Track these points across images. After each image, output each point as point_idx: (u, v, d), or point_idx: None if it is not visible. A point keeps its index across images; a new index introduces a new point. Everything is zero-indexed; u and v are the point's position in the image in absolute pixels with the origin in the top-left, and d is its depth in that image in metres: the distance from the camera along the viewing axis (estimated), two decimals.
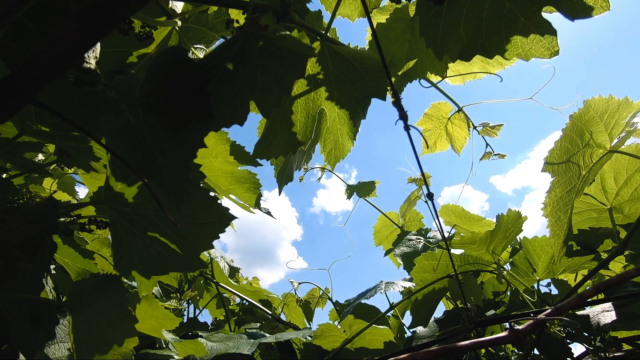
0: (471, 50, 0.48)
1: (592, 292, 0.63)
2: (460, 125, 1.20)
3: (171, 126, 0.41)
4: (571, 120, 0.78)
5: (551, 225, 0.84)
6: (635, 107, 0.78)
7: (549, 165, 0.80)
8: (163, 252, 0.63)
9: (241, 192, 0.83)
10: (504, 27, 0.46)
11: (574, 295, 0.63)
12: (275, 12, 0.49)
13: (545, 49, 0.46)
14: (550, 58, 0.46)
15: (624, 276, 0.63)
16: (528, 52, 0.47)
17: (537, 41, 0.46)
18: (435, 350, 0.58)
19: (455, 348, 0.58)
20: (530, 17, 0.44)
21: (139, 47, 0.62)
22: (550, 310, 0.64)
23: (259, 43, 0.44)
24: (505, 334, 0.61)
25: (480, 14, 0.46)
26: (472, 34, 0.47)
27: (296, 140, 0.66)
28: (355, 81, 0.64)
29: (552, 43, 0.45)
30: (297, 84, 0.66)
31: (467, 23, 0.47)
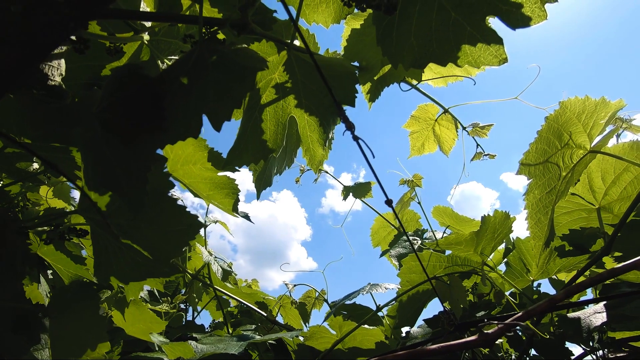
0: (424, 58, 0.49)
1: (562, 295, 0.63)
2: (447, 126, 1.19)
3: (125, 140, 0.43)
4: (547, 121, 0.78)
5: (531, 227, 0.83)
6: (613, 107, 0.77)
7: (524, 167, 0.80)
8: (138, 259, 0.65)
9: (220, 197, 0.84)
10: (453, 36, 0.46)
11: (544, 299, 0.63)
12: (234, 25, 0.51)
13: (493, 57, 0.46)
14: (499, 65, 0.46)
15: (596, 279, 0.62)
16: (477, 60, 0.47)
17: (485, 49, 0.46)
18: (401, 355, 0.59)
19: (422, 352, 0.59)
20: (476, 26, 0.44)
21: (111, 61, 0.64)
22: (522, 313, 0.64)
23: (212, 57, 0.45)
24: (475, 337, 0.61)
25: (429, 23, 0.47)
26: (423, 43, 0.48)
27: (267, 147, 0.68)
28: (323, 89, 0.65)
29: (499, 51, 0.46)
30: (266, 92, 0.67)
31: (418, 32, 0.48)
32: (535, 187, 0.80)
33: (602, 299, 1.16)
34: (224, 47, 0.47)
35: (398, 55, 0.51)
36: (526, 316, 0.63)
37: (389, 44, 0.51)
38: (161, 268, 0.62)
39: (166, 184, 0.59)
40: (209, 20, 0.49)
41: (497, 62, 0.47)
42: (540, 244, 0.83)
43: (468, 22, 0.45)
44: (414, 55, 0.49)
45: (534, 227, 0.83)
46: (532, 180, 0.80)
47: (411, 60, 0.50)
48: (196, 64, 0.46)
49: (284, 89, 0.66)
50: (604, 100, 0.75)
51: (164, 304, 1.18)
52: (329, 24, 0.80)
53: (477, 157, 1.28)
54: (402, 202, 1.68)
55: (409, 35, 0.49)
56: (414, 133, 1.21)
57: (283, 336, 1.11)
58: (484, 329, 0.61)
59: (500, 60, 0.46)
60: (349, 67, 0.66)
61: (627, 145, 0.99)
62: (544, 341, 1.30)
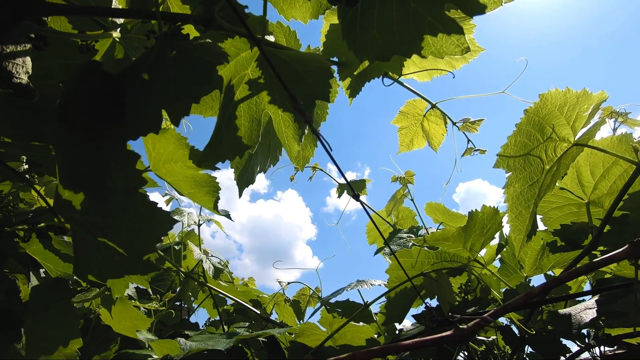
0: (387, 51, 0.48)
1: (539, 290, 0.62)
2: (436, 122, 1.18)
3: (85, 136, 0.43)
4: (526, 114, 0.77)
5: (511, 220, 0.83)
6: (595, 98, 0.76)
7: (503, 160, 0.79)
8: (115, 256, 0.65)
9: (201, 195, 0.84)
10: (414, 27, 0.45)
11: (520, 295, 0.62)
12: (198, 21, 0.50)
13: (455, 47, 0.46)
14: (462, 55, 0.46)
15: (573, 273, 0.61)
16: (440, 50, 0.47)
17: (447, 39, 0.45)
18: (374, 350, 0.58)
19: (395, 347, 0.58)
20: (435, 16, 0.44)
21: (85, 59, 0.64)
22: (497, 309, 0.63)
23: (172, 52, 0.45)
24: (450, 332, 0.61)
25: (390, 15, 0.46)
26: (386, 35, 0.47)
27: (242, 144, 0.68)
28: (297, 84, 0.65)
29: (460, 40, 0.45)
30: (239, 88, 0.67)
31: (380, 24, 0.47)
32: (516, 181, 0.79)
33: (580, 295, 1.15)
34: (185, 43, 0.47)
35: (362, 49, 0.50)
36: (502, 311, 0.62)
37: (353, 38, 0.50)
38: (136, 265, 0.62)
39: (138, 180, 0.59)
40: (171, 16, 0.49)
41: (460, 51, 0.46)
42: (521, 237, 0.83)
43: (427, 12, 0.44)
44: (377, 47, 0.49)
45: (515, 220, 0.82)
46: (511, 174, 0.79)
47: (375, 53, 0.49)
48: (156, 59, 0.46)
49: (257, 85, 0.65)
50: (585, 92, 0.74)
51: (153, 302, 1.19)
52: (306, 19, 0.79)
53: (468, 153, 1.27)
54: (395, 199, 1.68)
55: (371, 28, 0.48)
56: (402, 129, 1.20)
57: (271, 332, 1.11)
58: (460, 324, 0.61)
59: (462, 49, 0.46)
60: (323, 63, 0.66)
61: (616, 139, 0.98)
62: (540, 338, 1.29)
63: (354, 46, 0.51)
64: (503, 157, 0.78)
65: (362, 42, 0.50)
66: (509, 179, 0.80)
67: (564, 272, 1.02)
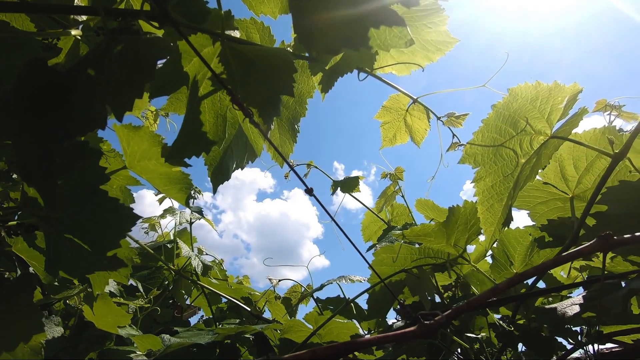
0: (337, 43, 0.48)
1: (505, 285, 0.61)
2: (419, 116, 1.17)
3: (30, 134, 0.44)
4: (495, 109, 0.76)
5: (482, 213, 0.82)
6: (568, 90, 0.74)
7: (469, 156, 0.78)
8: (82, 252, 0.66)
9: (174, 192, 0.85)
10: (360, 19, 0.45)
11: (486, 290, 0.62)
12: (150, 17, 0.51)
13: (398, 39, 0.45)
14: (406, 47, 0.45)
15: (530, 271, 0.60)
16: (385, 43, 0.46)
17: (390, 32, 0.45)
18: (336, 346, 0.58)
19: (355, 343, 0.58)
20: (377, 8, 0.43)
21: (49, 57, 0.65)
22: (463, 304, 0.63)
23: (117, 48, 0.46)
24: (414, 328, 0.60)
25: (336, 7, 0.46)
26: (332, 28, 0.47)
27: (207, 140, 0.68)
28: (260, 80, 0.65)
29: (403, 32, 0.45)
30: (203, 84, 0.67)
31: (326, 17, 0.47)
32: (486, 175, 0.78)
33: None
34: (131, 38, 0.47)
35: (312, 41, 0.50)
36: (467, 307, 0.62)
37: (303, 30, 0.50)
38: (102, 261, 0.63)
39: (100, 177, 0.59)
40: (119, 12, 0.49)
41: (403, 43, 0.45)
42: (492, 229, 0.82)
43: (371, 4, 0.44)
44: (326, 40, 0.48)
45: (486, 213, 0.81)
46: (480, 168, 0.78)
47: (324, 45, 0.49)
48: (102, 55, 0.46)
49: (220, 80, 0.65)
50: (557, 84, 0.73)
51: (139, 299, 1.20)
52: (276, 14, 0.79)
53: (453, 148, 1.26)
54: (386, 195, 1.67)
55: (320, 21, 0.48)
56: (385, 124, 1.19)
57: (252, 328, 1.11)
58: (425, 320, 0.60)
59: (405, 41, 0.45)
60: (287, 58, 0.65)
61: (599, 131, 0.96)
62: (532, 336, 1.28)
63: (303, 38, 0.51)
64: (470, 153, 0.77)
65: (312, 34, 0.49)
66: (477, 173, 0.79)
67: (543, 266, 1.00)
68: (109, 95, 0.45)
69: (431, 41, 0.90)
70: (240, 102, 0.43)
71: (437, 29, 0.86)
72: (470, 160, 0.77)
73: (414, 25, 0.88)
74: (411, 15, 0.86)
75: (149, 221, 2.03)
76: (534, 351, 1.34)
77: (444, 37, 0.87)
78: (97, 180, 0.59)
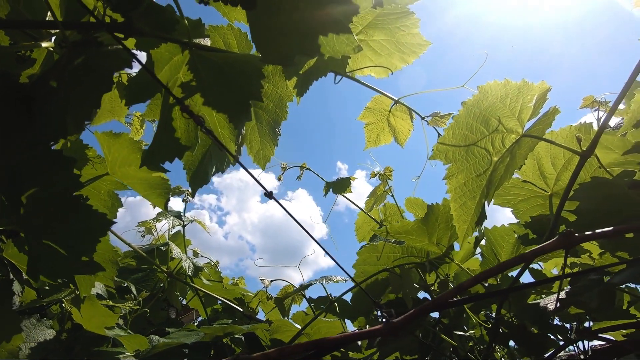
0: (290, 52, 0.49)
1: (469, 283, 0.62)
2: (402, 117, 1.18)
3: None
4: (465, 107, 0.77)
5: (455, 210, 0.83)
6: (537, 89, 0.75)
7: (440, 152, 0.79)
8: (60, 257, 0.68)
9: (154, 196, 0.87)
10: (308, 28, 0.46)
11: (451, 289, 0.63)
12: (113, 28, 0.52)
13: (346, 45, 0.47)
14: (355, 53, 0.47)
15: (487, 272, 0.62)
16: (335, 49, 0.47)
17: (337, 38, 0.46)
18: (302, 344, 0.60)
19: (323, 341, 0.59)
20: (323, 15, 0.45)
21: (24, 69, 0.67)
22: (428, 303, 0.64)
23: (78, 60, 0.47)
24: (380, 326, 0.62)
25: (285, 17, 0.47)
26: (285, 37, 0.49)
27: (180, 145, 0.69)
28: (228, 86, 0.67)
29: (350, 39, 0.46)
30: (173, 91, 0.69)
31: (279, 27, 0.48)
32: (458, 172, 0.79)
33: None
34: (93, 50, 0.49)
35: (268, 50, 0.52)
36: (432, 305, 0.63)
37: (258, 39, 0.52)
38: (78, 266, 0.65)
39: (74, 184, 0.61)
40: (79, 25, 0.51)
41: (352, 49, 0.47)
42: (465, 226, 0.83)
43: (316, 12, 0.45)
44: (280, 49, 0.50)
45: (459, 210, 0.82)
46: (451, 165, 0.79)
47: (279, 55, 0.50)
48: (65, 67, 0.48)
49: (190, 87, 0.67)
50: (525, 82, 0.74)
51: (128, 302, 1.23)
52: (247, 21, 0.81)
53: None
54: (376, 195, 1.68)
55: (273, 30, 0.49)
56: (369, 124, 1.21)
57: (242, 329, 1.13)
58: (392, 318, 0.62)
59: (353, 47, 0.47)
60: (255, 64, 0.67)
61: (575, 129, 0.96)
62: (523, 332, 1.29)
63: (261, 48, 0.52)
64: (441, 150, 0.78)
65: (268, 44, 0.51)
66: (449, 170, 0.80)
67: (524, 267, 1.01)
68: (70, 106, 0.47)
69: (406, 44, 0.91)
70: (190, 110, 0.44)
71: (410, 32, 0.88)
72: (442, 156, 0.78)
73: (387, 28, 0.90)
74: (383, 19, 0.87)
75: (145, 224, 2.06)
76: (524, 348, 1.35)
77: (417, 39, 0.89)
78: (71, 187, 0.61)
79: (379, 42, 0.93)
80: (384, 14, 0.84)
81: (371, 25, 0.89)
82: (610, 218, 0.76)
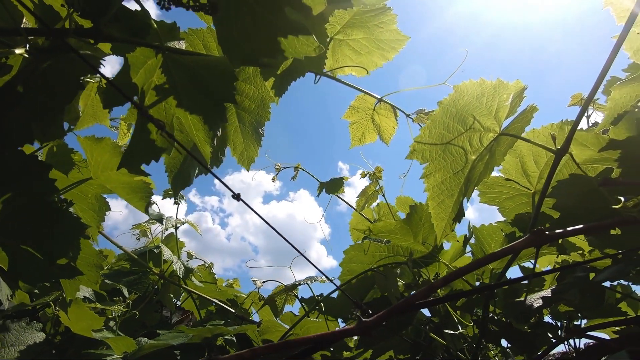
0: (253, 53, 0.50)
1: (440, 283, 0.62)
2: (387, 115, 1.19)
3: None
4: (441, 106, 0.77)
5: (433, 208, 0.83)
6: (512, 88, 0.75)
7: (417, 152, 0.79)
8: (37, 261, 0.68)
9: (136, 200, 0.88)
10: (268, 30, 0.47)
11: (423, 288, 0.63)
12: (81, 34, 0.53)
13: (307, 46, 0.47)
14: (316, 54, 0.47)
15: (453, 274, 0.62)
16: (297, 51, 0.48)
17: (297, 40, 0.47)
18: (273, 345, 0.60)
19: (294, 342, 0.60)
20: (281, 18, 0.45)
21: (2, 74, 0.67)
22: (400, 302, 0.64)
23: (44, 64, 0.48)
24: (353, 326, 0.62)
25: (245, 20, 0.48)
26: (247, 39, 0.49)
27: (156, 147, 0.70)
28: (202, 88, 0.67)
29: (309, 40, 0.46)
30: (148, 94, 0.69)
31: (243, 30, 0.49)
32: (436, 170, 0.79)
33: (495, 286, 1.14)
34: (59, 56, 0.49)
35: (233, 53, 0.52)
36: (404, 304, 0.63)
37: (224, 43, 0.52)
38: (54, 270, 0.66)
39: (49, 189, 0.62)
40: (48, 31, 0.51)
41: (312, 50, 0.47)
42: (443, 224, 0.83)
43: (273, 16, 0.45)
44: (244, 51, 0.50)
45: (437, 208, 0.82)
46: (428, 164, 0.80)
47: (241, 56, 0.51)
48: (31, 72, 0.48)
49: (164, 90, 0.68)
50: (500, 81, 0.74)
51: (117, 304, 1.23)
52: None
53: None
54: (367, 194, 1.68)
55: (237, 33, 0.50)
56: (354, 123, 1.21)
57: (229, 330, 1.14)
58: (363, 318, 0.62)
59: (314, 48, 0.47)
60: (228, 67, 0.67)
61: (556, 126, 0.96)
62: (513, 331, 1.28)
63: (226, 50, 0.53)
64: (417, 149, 0.79)
65: (233, 46, 0.52)
66: (426, 169, 0.80)
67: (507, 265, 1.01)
68: (34, 112, 0.47)
69: (384, 40, 0.92)
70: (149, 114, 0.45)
71: (388, 28, 0.88)
72: (418, 156, 0.79)
73: (366, 26, 0.90)
74: (361, 17, 0.88)
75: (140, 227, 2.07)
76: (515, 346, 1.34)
77: (395, 35, 0.89)
78: (47, 192, 0.62)
79: (358, 41, 0.94)
80: (361, 13, 0.84)
81: (349, 25, 0.90)
82: (589, 215, 0.76)
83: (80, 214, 1.09)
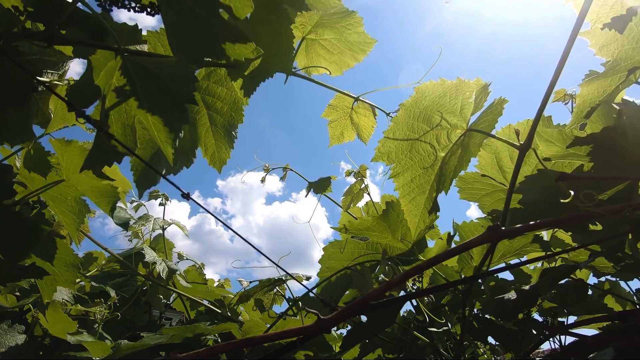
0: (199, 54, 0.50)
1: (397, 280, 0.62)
2: (365, 114, 1.19)
3: None
4: (403, 108, 0.77)
5: (405, 205, 0.83)
6: (474, 85, 0.75)
7: (382, 154, 0.79)
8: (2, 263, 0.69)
9: (104, 204, 0.88)
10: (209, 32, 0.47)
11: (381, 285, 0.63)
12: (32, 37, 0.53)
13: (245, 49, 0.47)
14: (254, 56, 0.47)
15: (414, 269, 0.62)
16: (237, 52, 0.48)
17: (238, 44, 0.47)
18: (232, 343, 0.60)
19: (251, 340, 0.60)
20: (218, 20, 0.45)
21: None
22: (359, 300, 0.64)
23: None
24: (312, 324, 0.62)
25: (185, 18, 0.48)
26: (192, 38, 0.49)
27: (117, 150, 0.70)
28: (162, 90, 0.67)
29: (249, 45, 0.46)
30: (108, 96, 0.70)
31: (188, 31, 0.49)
32: (404, 170, 0.79)
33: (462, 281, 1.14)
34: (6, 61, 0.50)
35: (180, 52, 0.52)
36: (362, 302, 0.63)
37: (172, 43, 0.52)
38: (16, 271, 0.66)
39: (6, 193, 0.62)
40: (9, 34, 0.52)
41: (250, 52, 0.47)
42: (416, 220, 0.83)
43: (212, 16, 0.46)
44: (190, 52, 0.50)
45: (409, 205, 0.83)
46: (395, 165, 0.80)
47: (188, 56, 0.51)
48: None
49: (124, 92, 0.68)
50: (461, 80, 0.74)
51: (97, 306, 1.24)
52: None
53: None
54: (352, 193, 1.68)
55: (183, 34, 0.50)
56: (332, 122, 1.21)
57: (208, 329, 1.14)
58: None
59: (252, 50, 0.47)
60: (188, 69, 0.68)
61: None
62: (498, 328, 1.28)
63: (175, 49, 0.53)
64: (382, 151, 0.79)
65: (180, 46, 0.52)
66: (393, 169, 0.80)
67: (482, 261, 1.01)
68: None
69: (354, 42, 0.92)
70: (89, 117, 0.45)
71: (356, 30, 0.88)
72: (384, 158, 0.79)
73: (335, 27, 0.90)
74: (329, 18, 0.88)
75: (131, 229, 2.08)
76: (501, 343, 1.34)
77: (363, 37, 0.89)
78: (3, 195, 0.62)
79: (330, 41, 0.94)
80: (328, 14, 0.84)
81: (320, 25, 0.90)
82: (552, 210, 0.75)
83: (60, 217, 1.09)
